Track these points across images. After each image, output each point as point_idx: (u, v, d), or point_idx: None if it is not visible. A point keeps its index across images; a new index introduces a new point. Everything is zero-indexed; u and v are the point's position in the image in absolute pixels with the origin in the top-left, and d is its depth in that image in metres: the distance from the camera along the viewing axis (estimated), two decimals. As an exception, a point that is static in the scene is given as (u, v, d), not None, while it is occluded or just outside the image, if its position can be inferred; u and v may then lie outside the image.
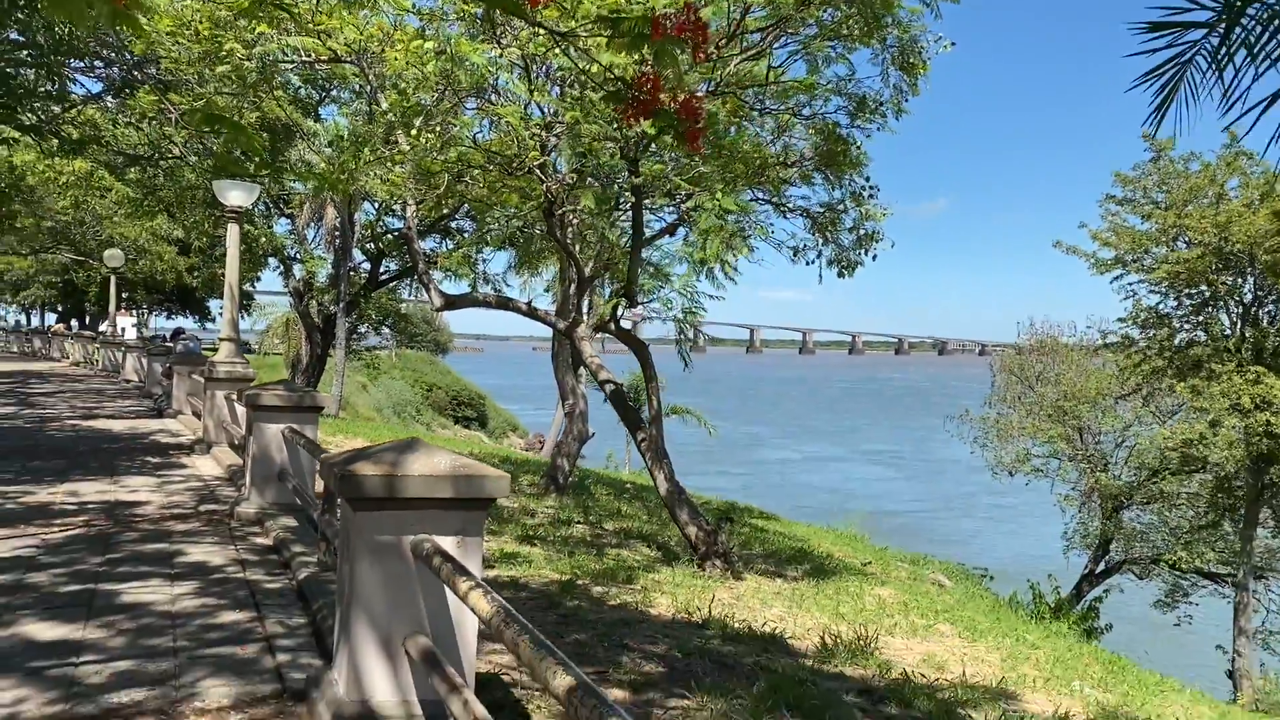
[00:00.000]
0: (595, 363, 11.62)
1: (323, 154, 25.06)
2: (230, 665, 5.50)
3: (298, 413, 9.71)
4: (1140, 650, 18.12)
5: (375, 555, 4.59)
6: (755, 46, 9.53)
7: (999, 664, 8.17)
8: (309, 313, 33.93)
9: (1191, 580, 24.08)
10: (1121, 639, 20.73)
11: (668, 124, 5.23)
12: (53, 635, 5.91)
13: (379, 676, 4.63)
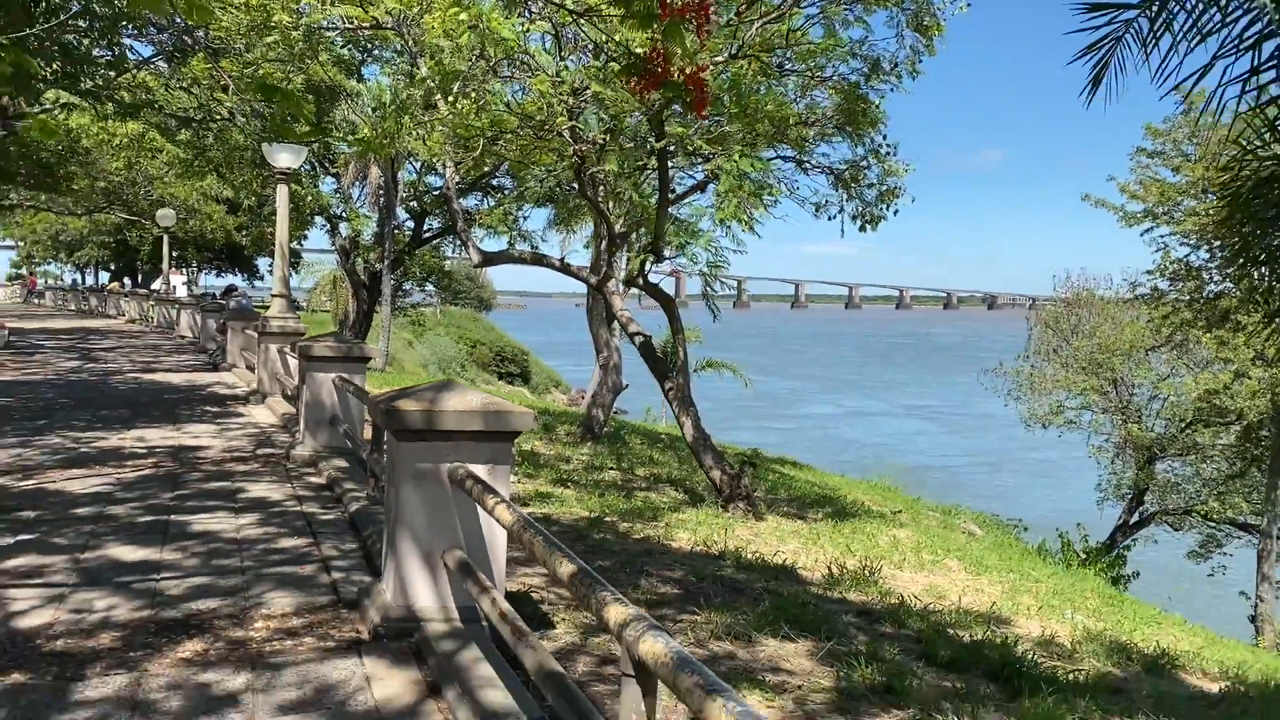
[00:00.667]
0: (625, 316, 12.20)
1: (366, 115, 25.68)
2: (291, 581, 6.22)
3: (347, 362, 10.41)
4: (1166, 597, 18.52)
5: (417, 480, 5.24)
6: (776, 10, 9.96)
7: (999, 595, 8.73)
8: (355, 270, 34.81)
9: (1225, 531, 24.33)
10: (1153, 589, 21.10)
11: (676, 94, 5.76)
12: (135, 557, 6.66)
13: (421, 585, 5.30)
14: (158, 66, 19.03)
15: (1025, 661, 5.94)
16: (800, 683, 5.29)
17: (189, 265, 72.16)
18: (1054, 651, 6.86)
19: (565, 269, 12.39)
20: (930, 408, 75.46)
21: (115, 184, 40.85)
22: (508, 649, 4.81)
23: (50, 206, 45.38)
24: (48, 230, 61.37)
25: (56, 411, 13.60)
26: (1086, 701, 5.42)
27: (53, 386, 16.69)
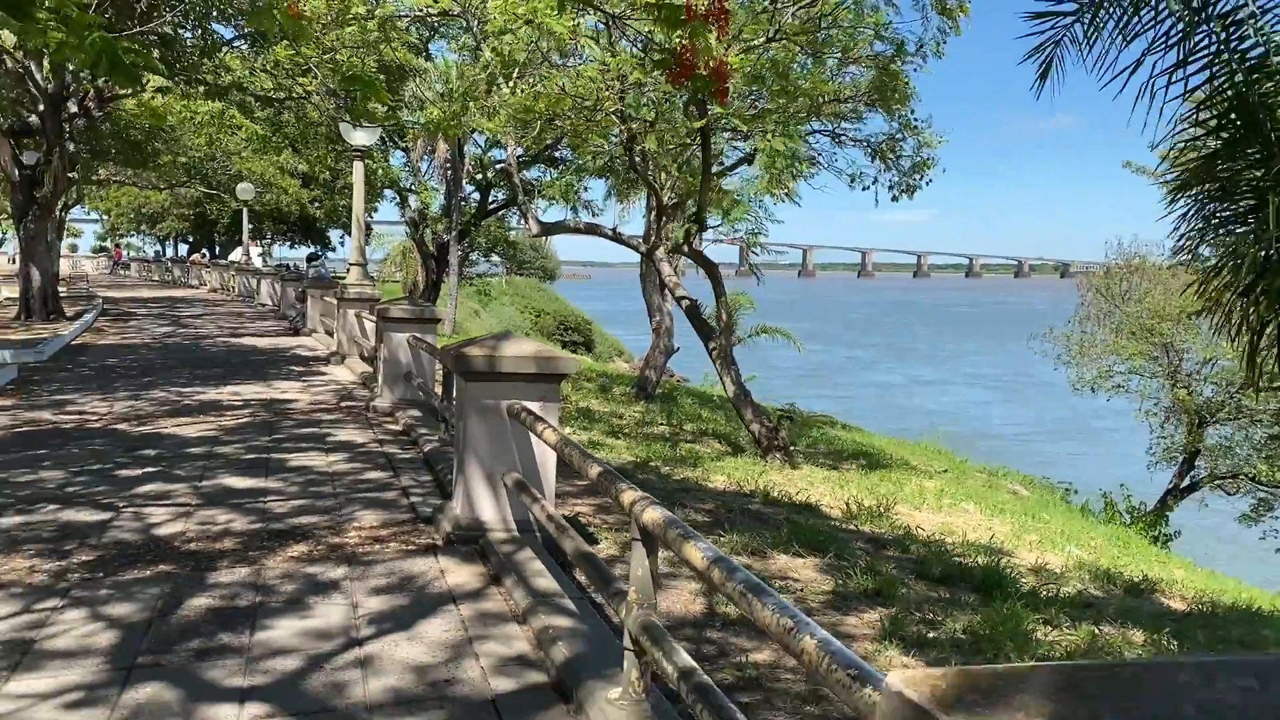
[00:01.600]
0: (672, 281, 13.14)
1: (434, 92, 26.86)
2: (376, 503, 7.34)
3: (420, 323, 11.54)
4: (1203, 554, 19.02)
5: (481, 414, 6.29)
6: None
7: (1007, 532, 9.56)
8: (424, 241, 36.11)
9: (1277, 495, 24.58)
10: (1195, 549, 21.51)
11: (701, 84, 6.68)
12: (244, 485, 7.84)
13: (485, 501, 6.36)
14: (240, 50, 20.32)
15: (1007, 578, 6.83)
16: (802, 587, 6.25)
17: (264, 237, 74.62)
18: (1042, 576, 7.71)
19: (617, 238, 13.36)
20: (993, 376, 75.06)
21: (196, 159, 42.70)
22: (555, 552, 5.87)
23: (135, 181, 47.43)
24: (131, 204, 63.90)
25: (158, 370, 14.99)
26: (1055, 610, 6.30)
27: (151, 349, 18.17)
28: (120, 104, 25.84)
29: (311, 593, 5.41)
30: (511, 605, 5.24)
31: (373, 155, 31.17)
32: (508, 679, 4.36)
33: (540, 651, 4.63)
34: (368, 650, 4.62)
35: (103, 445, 9.28)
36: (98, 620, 4.97)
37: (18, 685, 4.19)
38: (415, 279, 40.92)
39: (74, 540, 6.26)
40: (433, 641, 4.75)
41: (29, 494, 7.45)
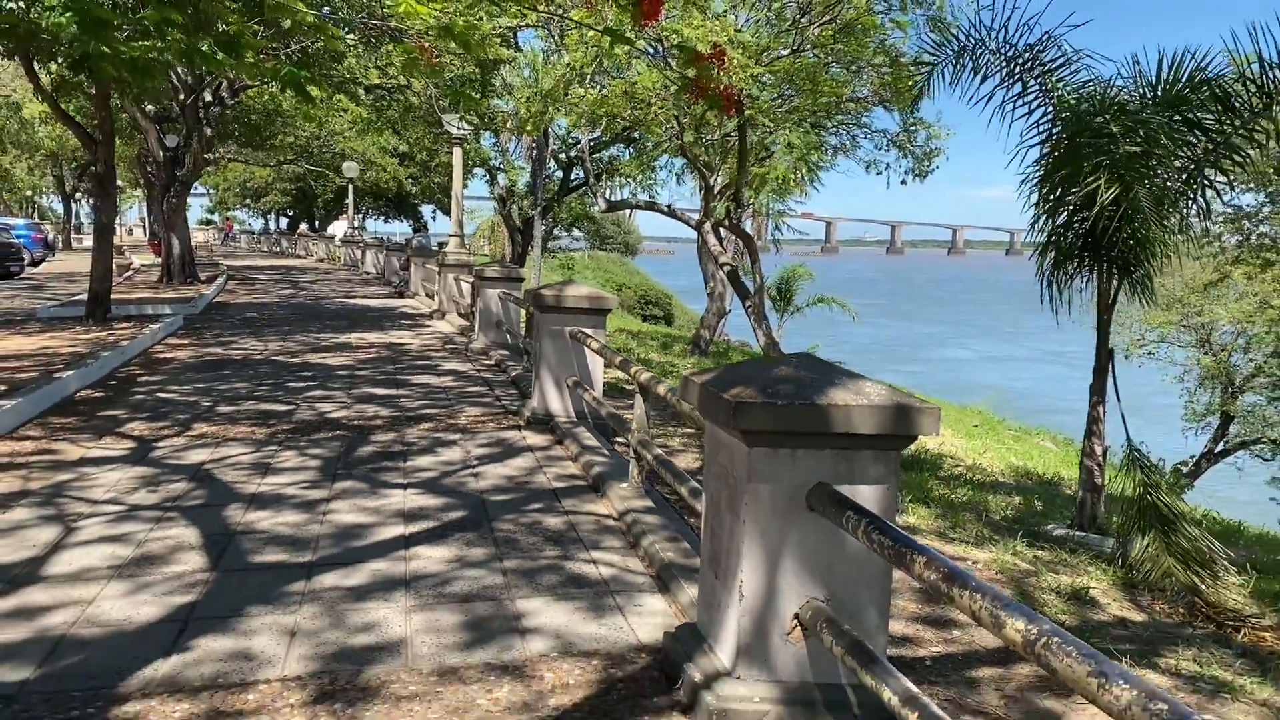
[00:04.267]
0: (717, 249, 15.71)
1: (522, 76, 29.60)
2: (478, 403, 10.16)
3: (508, 282, 14.34)
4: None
5: (551, 336, 9.03)
6: (824, 17, 13.21)
7: (967, 447, 11.98)
8: (510, 216, 39.09)
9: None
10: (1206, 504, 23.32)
11: (713, 102, 9.26)
12: (382, 393, 10.73)
13: (553, 397, 9.11)
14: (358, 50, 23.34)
15: (930, 461, 9.33)
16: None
17: (360, 212, 78.80)
18: (972, 468, 10.16)
19: (671, 213, 15.99)
20: (1071, 354, 75.68)
21: (304, 139, 46.38)
22: (600, 431, 8.59)
23: (248, 160, 51.45)
24: (237, 179, 68.42)
25: (293, 321, 18.13)
26: (955, 482, 8.80)
27: (281, 306, 21.42)
28: (247, 93, 29.19)
29: (438, 446, 8.23)
30: (569, 453, 8.00)
31: (467, 139, 34.14)
32: (562, 482, 7.12)
33: (584, 472, 7.37)
34: (477, 469, 7.42)
35: (269, 370, 12.29)
36: (305, 455, 7.85)
37: (269, 481, 7.06)
38: (502, 251, 44.02)
39: (273, 420, 9.19)
40: (517, 467, 7.53)
41: (230, 394, 10.45)
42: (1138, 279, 7.08)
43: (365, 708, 3.76)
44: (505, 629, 4.53)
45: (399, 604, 4.79)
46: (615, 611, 4.79)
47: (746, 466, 3.68)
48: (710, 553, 4.07)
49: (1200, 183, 6.95)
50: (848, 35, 13.46)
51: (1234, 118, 6.77)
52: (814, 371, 3.84)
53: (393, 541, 5.73)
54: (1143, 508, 6.60)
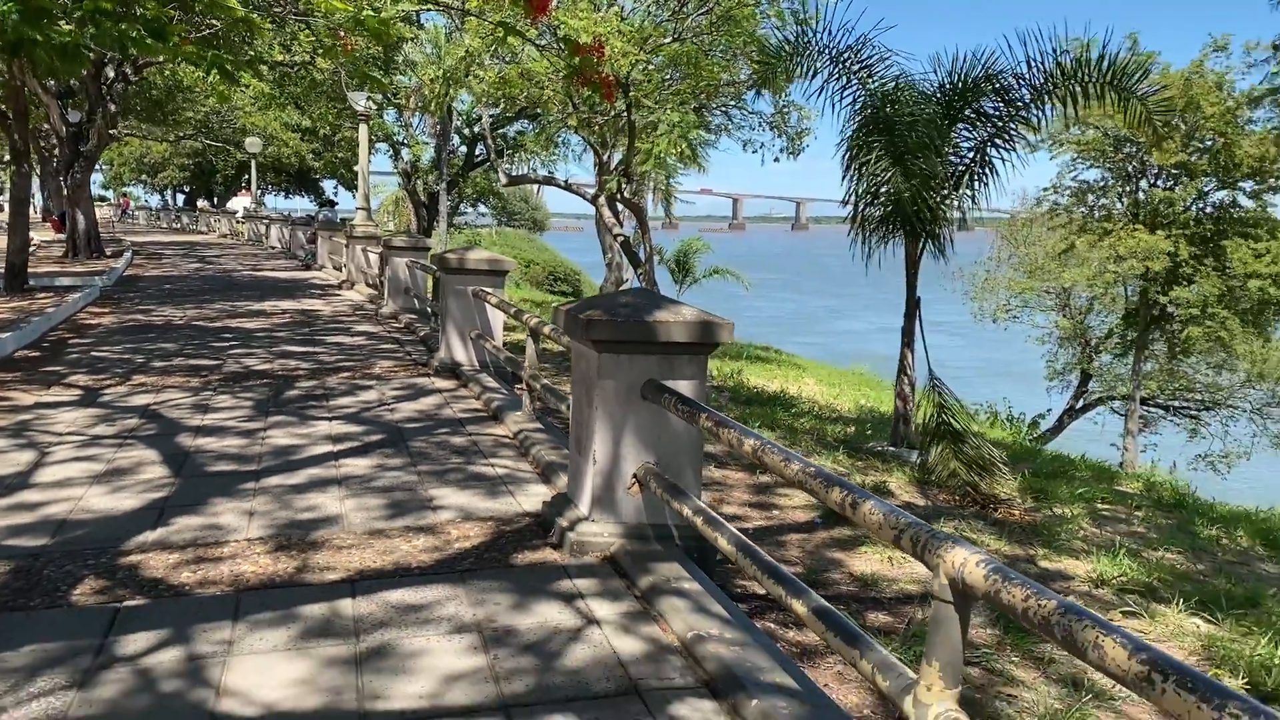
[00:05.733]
0: (611, 222, 17.06)
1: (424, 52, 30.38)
2: (390, 356, 11.36)
3: (415, 251, 15.45)
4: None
5: (455, 295, 10.27)
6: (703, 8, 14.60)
7: (822, 393, 13.59)
8: (415, 191, 39.84)
9: (1154, 413, 28.75)
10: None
11: (595, 89, 10.56)
12: (301, 350, 11.83)
13: (459, 350, 10.37)
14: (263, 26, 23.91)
15: (783, 400, 10.86)
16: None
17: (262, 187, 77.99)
18: (823, 407, 11.74)
19: (567, 187, 17.26)
20: (951, 323, 79.12)
21: (203, 115, 46.16)
22: (499, 376, 9.88)
23: (146, 135, 50.89)
24: (133, 154, 67.18)
25: (207, 292, 18.93)
26: (797, 413, 10.32)
27: (193, 278, 22.10)
28: (150, 69, 29.40)
29: (357, 389, 9.43)
30: (472, 393, 9.29)
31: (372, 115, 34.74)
32: (467, 414, 8.42)
33: (485, 406, 8.67)
34: (392, 406, 8.67)
35: (192, 333, 13.25)
36: (238, 398, 8.98)
37: (210, 417, 8.20)
38: (408, 226, 44.69)
39: (204, 372, 10.26)
40: (427, 404, 8.81)
41: (160, 353, 11.45)
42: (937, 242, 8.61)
43: (314, 553, 5.04)
44: (419, 507, 5.84)
45: (333, 494, 6.05)
46: (507, 494, 6.13)
47: (597, 368, 5.05)
48: (575, 437, 5.44)
49: (987, 161, 8.53)
50: (726, 24, 14.90)
51: (1011, 108, 8.36)
52: (646, 300, 5.22)
53: (324, 456, 6.97)
54: (938, 426, 8.17)
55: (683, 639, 4.04)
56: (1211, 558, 6.96)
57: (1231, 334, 21.26)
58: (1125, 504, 8.21)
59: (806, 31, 8.80)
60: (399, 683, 3.66)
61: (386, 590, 4.52)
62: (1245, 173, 21.55)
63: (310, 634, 4.06)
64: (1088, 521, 7.29)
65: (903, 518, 2.96)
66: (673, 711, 3.51)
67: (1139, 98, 7.86)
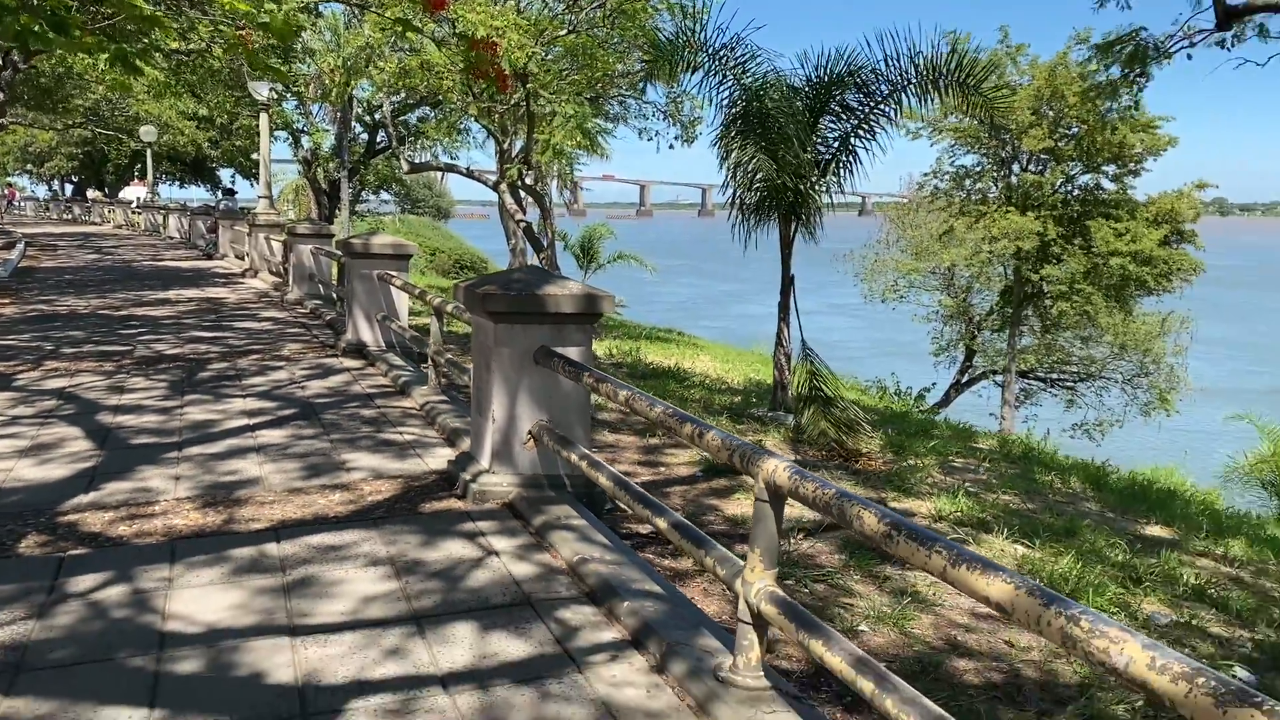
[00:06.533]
0: (513, 208, 17.60)
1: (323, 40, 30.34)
2: (298, 339, 11.77)
3: (319, 238, 15.79)
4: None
5: (361, 279, 10.76)
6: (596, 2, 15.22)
7: (714, 367, 14.43)
8: (316, 179, 39.57)
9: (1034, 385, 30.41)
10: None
11: (489, 82, 11.15)
12: (210, 335, 12.17)
13: (366, 331, 10.86)
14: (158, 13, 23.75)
15: (676, 373, 11.62)
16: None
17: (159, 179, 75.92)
18: (715, 380, 12.55)
19: (470, 174, 17.73)
20: (852, 305, 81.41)
21: (94, 102, 44.99)
22: (405, 355, 10.41)
23: (35, 123, 49.36)
24: (17, 143, 64.87)
25: (109, 282, 18.90)
26: (699, 389, 11.09)
27: (92, 269, 21.93)
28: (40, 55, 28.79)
29: (267, 370, 9.88)
30: (379, 371, 9.82)
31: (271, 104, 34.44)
32: (375, 390, 8.97)
33: (392, 382, 9.22)
34: (302, 384, 9.16)
35: (98, 321, 13.42)
36: (152, 380, 9.36)
37: (127, 398, 8.58)
38: (309, 215, 44.34)
39: (116, 357, 10.56)
40: (336, 381, 9.32)
41: (69, 340, 11.67)
42: (808, 225, 9.42)
43: (239, 508, 5.58)
44: (334, 468, 6.41)
45: (253, 460, 6.58)
46: (415, 456, 6.74)
47: (493, 337, 5.69)
48: (475, 400, 6.08)
49: (852, 149, 9.37)
50: (619, 17, 15.55)
51: (871, 101, 9.21)
52: (537, 276, 5.88)
53: (241, 428, 7.47)
54: (811, 392, 9.00)
55: (569, 562, 4.72)
56: (1044, 499, 7.93)
57: (1096, 308, 22.80)
58: (976, 457, 9.17)
59: (686, 30, 9.50)
60: (323, 604, 4.26)
61: (307, 535, 5.11)
62: (1106, 157, 23.09)
63: (241, 571, 4.63)
64: (938, 471, 8.20)
65: (734, 440, 3.69)
66: (558, 615, 4.20)
67: (981, 93, 8.76)
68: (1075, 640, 2.10)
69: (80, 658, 3.76)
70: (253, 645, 3.86)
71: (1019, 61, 23.10)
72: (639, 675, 3.70)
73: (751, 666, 3.43)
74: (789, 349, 9.89)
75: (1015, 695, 4.20)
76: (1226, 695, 1.80)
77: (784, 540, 5.79)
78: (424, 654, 3.81)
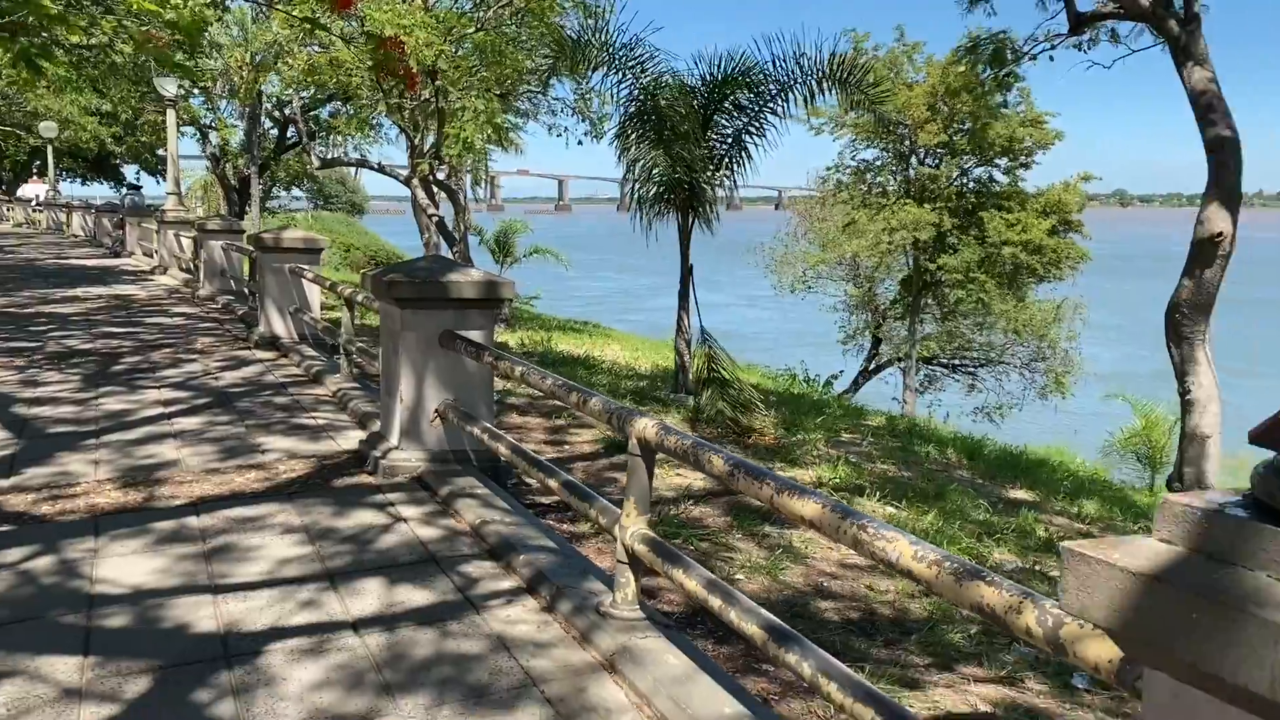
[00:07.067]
0: (425, 202, 17.85)
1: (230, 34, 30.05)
2: (211, 333, 11.95)
3: (230, 234, 15.87)
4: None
5: (273, 273, 11.00)
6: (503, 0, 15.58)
7: (627, 357, 14.95)
8: (225, 175, 39.09)
9: (937, 371, 31.57)
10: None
11: (397, 80, 11.44)
12: (122, 330, 12.25)
13: (278, 324, 11.10)
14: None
15: (591, 361, 12.08)
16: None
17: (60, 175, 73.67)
18: (623, 367, 13.05)
19: (381, 170, 17.94)
20: (766, 298, 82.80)
21: (-11, 97, 43.66)
22: (318, 348, 10.69)
23: (-77, 118, 47.65)
24: (-105, 138, 62.47)
25: (12, 281, 18.65)
26: (607, 375, 11.56)
27: (-7, 268, 21.53)
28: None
29: (181, 362, 10.07)
30: (293, 361, 10.09)
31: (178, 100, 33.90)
32: (288, 379, 9.25)
33: (305, 372, 9.52)
34: (216, 375, 9.40)
35: (3, 319, 13.37)
36: (65, 374, 9.49)
37: (41, 390, 8.74)
38: (217, 212, 43.71)
39: (26, 353, 10.62)
40: (250, 372, 9.58)
41: (-24, 338, 11.66)
42: (704, 217, 9.96)
43: (159, 487, 5.89)
44: (249, 450, 6.73)
45: (170, 444, 6.86)
46: (328, 439, 7.09)
47: (400, 322, 6.08)
48: (385, 383, 6.46)
49: (744, 146, 9.93)
50: (526, 16, 15.93)
51: (761, 100, 9.77)
52: (441, 264, 6.29)
53: (157, 416, 7.72)
54: (709, 375, 9.54)
55: (472, 525, 5.16)
56: (920, 468, 8.59)
57: (990, 296, 23.89)
58: (862, 432, 9.82)
59: (588, 29, 9.95)
60: (242, 566, 4.63)
61: (226, 509, 5.45)
62: (998, 151, 24.19)
63: (163, 541, 4.96)
64: (825, 445, 8.81)
65: (612, 405, 4.17)
66: (460, 569, 4.63)
67: (862, 90, 9.38)
68: (862, 542, 2.62)
69: (14, 617, 4.08)
70: (177, 602, 4.22)
71: (915, 59, 24.13)
72: (531, 615, 4.16)
73: (628, 601, 3.91)
74: (689, 335, 10.42)
75: (869, 629, 4.76)
76: (963, 573, 2.33)
77: (675, 506, 6.32)
78: (336, 605, 4.22)
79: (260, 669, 3.63)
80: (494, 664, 3.71)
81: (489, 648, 3.83)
